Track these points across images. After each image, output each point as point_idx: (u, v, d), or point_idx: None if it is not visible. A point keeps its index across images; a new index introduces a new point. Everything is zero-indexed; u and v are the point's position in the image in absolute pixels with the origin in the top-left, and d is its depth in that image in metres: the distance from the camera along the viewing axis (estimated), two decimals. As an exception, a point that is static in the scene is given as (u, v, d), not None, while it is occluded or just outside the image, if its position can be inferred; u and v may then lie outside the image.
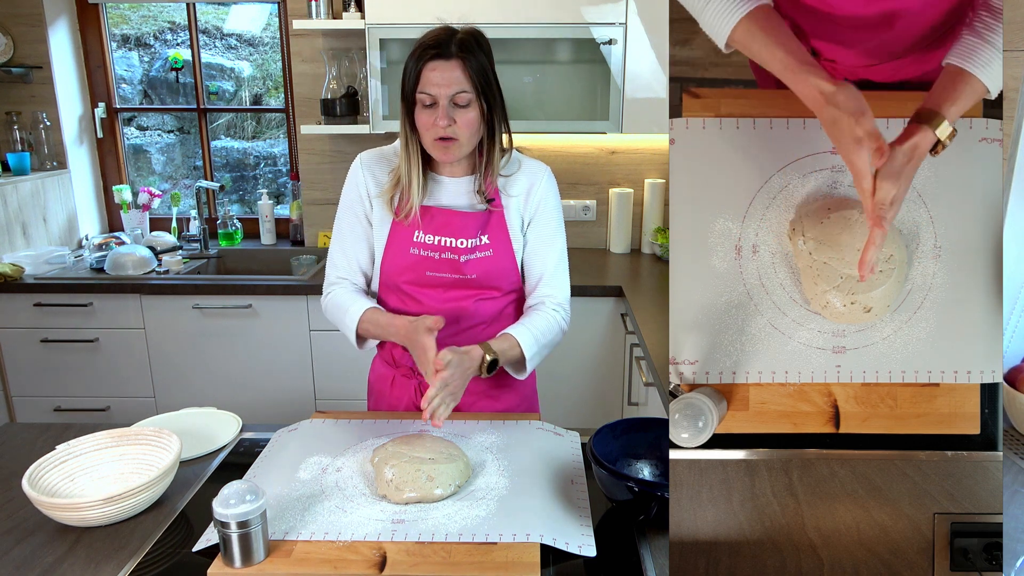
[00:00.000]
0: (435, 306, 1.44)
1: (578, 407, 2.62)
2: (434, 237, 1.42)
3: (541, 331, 1.42)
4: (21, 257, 2.65)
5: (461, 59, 1.30)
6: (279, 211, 3.27)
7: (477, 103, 1.33)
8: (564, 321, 1.48)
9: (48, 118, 2.95)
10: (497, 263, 1.44)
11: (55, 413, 2.72)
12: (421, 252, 1.42)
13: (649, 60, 2.53)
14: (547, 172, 1.50)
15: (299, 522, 1.05)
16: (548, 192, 1.48)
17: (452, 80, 1.30)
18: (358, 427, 1.36)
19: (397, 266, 1.45)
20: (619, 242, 3.01)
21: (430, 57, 1.30)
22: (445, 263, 1.42)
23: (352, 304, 1.44)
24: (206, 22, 3.17)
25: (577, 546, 1.01)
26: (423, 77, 1.31)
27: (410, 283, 1.45)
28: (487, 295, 1.46)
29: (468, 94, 1.32)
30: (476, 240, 1.42)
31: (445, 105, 1.31)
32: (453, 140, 1.34)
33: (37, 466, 1.14)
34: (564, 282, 1.50)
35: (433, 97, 1.31)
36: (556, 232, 1.48)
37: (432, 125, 1.32)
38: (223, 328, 2.62)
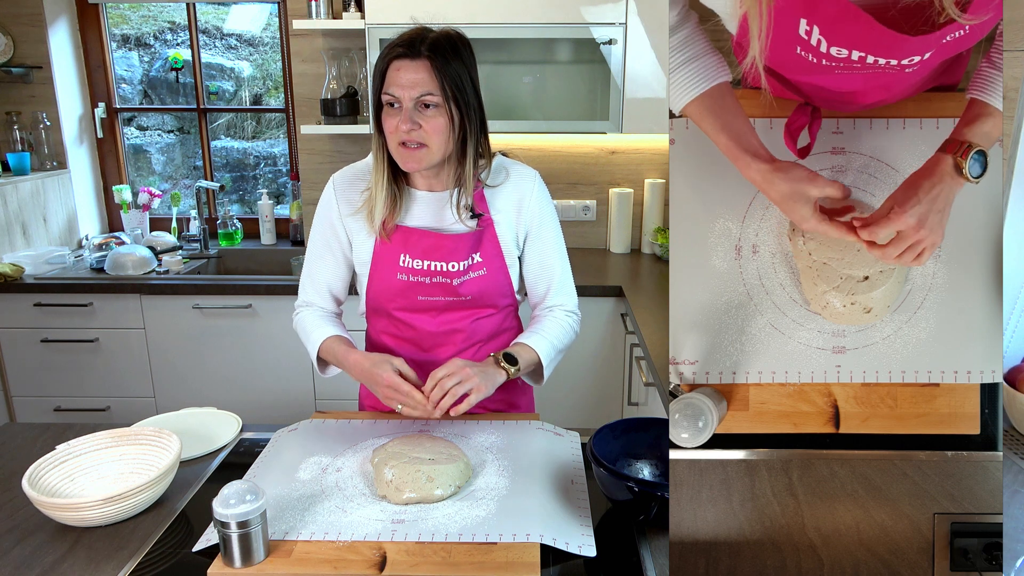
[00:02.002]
0: (429, 329, 1.41)
1: (578, 407, 2.62)
2: (423, 262, 1.35)
3: (556, 336, 1.40)
4: (21, 257, 2.65)
5: (429, 59, 1.22)
6: (279, 211, 3.27)
7: (445, 108, 1.24)
8: (577, 324, 1.47)
9: (48, 118, 2.95)
10: (491, 280, 1.39)
11: (55, 413, 2.72)
12: (410, 278, 1.36)
13: (649, 60, 2.53)
14: (536, 178, 1.42)
15: (299, 522, 1.05)
16: (541, 201, 1.41)
17: (417, 82, 1.22)
18: (358, 427, 1.36)
19: (385, 292, 1.39)
20: (619, 242, 3.01)
21: (396, 56, 1.23)
22: (438, 287, 1.37)
23: (314, 331, 1.41)
24: (206, 22, 3.17)
25: (577, 546, 1.01)
26: (388, 77, 1.24)
27: (401, 309, 1.40)
28: (483, 313, 1.43)
29: (435, 96, 1.22)
30: (468, 261, 1.36)
31: (409, 108, 1.22)
32: (421, 147, 1.25)
33: (37, 466, 1.14)
34: (571, 288, 1.48)
35: (396, 99, 1.23)
36: (556, 241, 1.44)
37: (395, 129, 1.24)
38: (223, 328, 2.62)
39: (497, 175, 1.39)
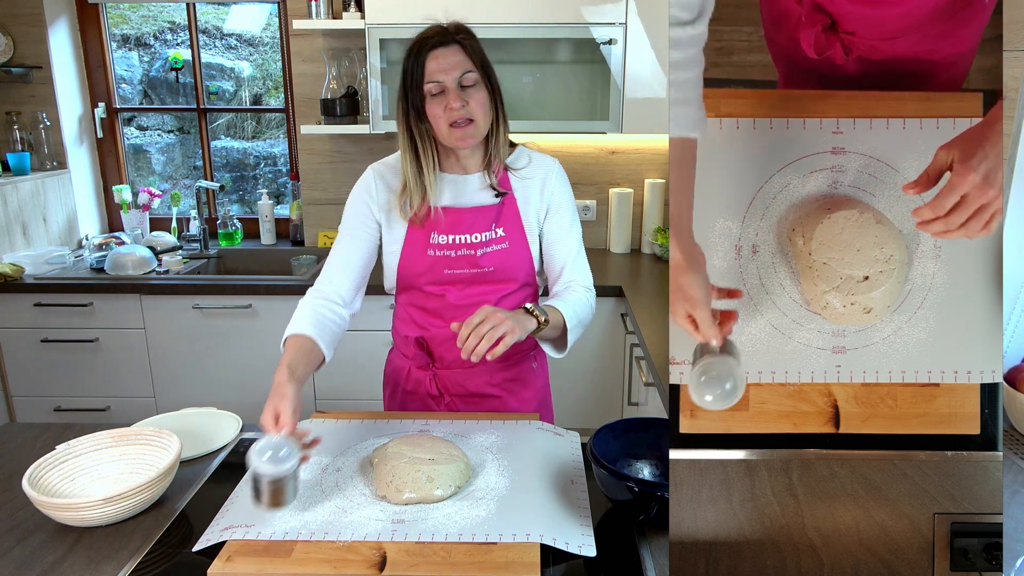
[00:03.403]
0: (455, 303, 1.46)
1: (578, 407, 2.62)
2: (448, 236, 1.43)
3: (578, 305, 1.42)
4: (21, 257, 2.65)
5: (460, 43, 1.34)
6: (279, 211, 3.27)
7: (484, 83, 1.36)
8: (594, 301, 1.49)
9: (48, 118, 2.95)
10: (512, 254, 1.46)
11: (55, 413, 2.72)
12: (437, 253, 1.44)
13: (649, 60, 2.53)
14: (557, 164, 1.52)
15: (299, 522, 1.05)
16: (561, 183, 1.50)
17: (456, 64, 1.33)
18: (358, 427, 1.36)
19: (414, 269, 1.46)
20: (619, 242, 3.01)
21: (432, 46, 1.33)
22: (463, 259, 1.44)
23: (295, 322, 1.36)
24: (206, 22, 3.17)
25: (577, 546, 1.01)
26: (427, 67, 1.33)
27: (430, 283, 1.47)
28: (506, 289, 1.47)
29: (474, 73, 1.34)
30: (491, 233, 1.44)
31: (454, 88, 1.33)
32: (470, 123, 1.35)
33: (37, 466, 1.14)
34: (586, 268, 1.51)
35: (441, 84, 1.33)
36: (573, 222, 1.50)
37: (445, 110, 1.33)
38: (223, 328, 2.62)
39: (520, 159, 1.49)
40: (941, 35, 0.95)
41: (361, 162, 2.99)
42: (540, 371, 1.63)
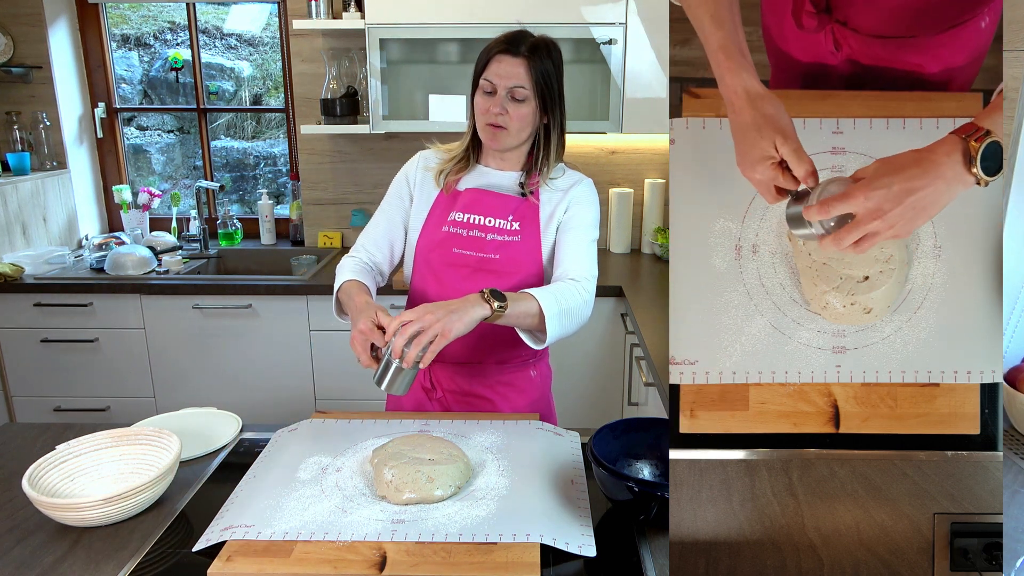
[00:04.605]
0: (458, 288, 1.44)
1: (578, 407, 2.62)
2: (464, 215, 1.49)
3: (560, 293, 1.35)
4: (21, 257, 2.66)
5: (526, 59, 1.41)
6: (279, 211, 3.27)
7: (533, 101, 1.43)
8: (586, 292, 1.41)
9: (48, 118, 2.95)
10: (520, 250, 1.47)
11: (55, 413, 2.72)
12: (451, 229, 1.49)
13: (649, 60, 2.53)
14: (589, 181, 1.56)
15: (299, 522, 1.05)
16: (585, 193, 1.53)
17: (513, 75, 1.41)
18: (358, 427, 1.36)
19: (430, 242, 1.51)
20: (619, 242, 3.01)
21: (500, 51, 1.42)
22: (472, 240, 1.47)
23: (342, 274, 1.50)
24: (206, 22, 3.17)
25: (577, 546, 1.01)
26: (489, 67, 1.43)
27: (439, 260, 1.50)
28: (505, 285, 1.42)
29: (525, 90, 1.42)
30: (506, 223, 1.48)
31: (502, 95, 1.42)
32: (502, 128, 1.43)
33: (37, 466, 1.14)
34: (583, 263, 1.45)
35: (493, 86, 1.42)
36: (589, 227, 1.50)
37: (486, 111, 1.43)
38: (223, 328, 2.62)
39: (556, 171, 1.55)
40: (932, 47, 0.95)
41: (361, 162, 3.00)
42: (539, 381, 1.61)
